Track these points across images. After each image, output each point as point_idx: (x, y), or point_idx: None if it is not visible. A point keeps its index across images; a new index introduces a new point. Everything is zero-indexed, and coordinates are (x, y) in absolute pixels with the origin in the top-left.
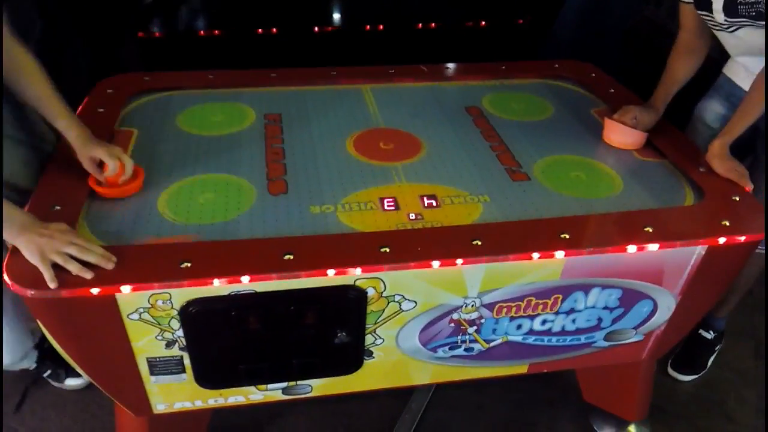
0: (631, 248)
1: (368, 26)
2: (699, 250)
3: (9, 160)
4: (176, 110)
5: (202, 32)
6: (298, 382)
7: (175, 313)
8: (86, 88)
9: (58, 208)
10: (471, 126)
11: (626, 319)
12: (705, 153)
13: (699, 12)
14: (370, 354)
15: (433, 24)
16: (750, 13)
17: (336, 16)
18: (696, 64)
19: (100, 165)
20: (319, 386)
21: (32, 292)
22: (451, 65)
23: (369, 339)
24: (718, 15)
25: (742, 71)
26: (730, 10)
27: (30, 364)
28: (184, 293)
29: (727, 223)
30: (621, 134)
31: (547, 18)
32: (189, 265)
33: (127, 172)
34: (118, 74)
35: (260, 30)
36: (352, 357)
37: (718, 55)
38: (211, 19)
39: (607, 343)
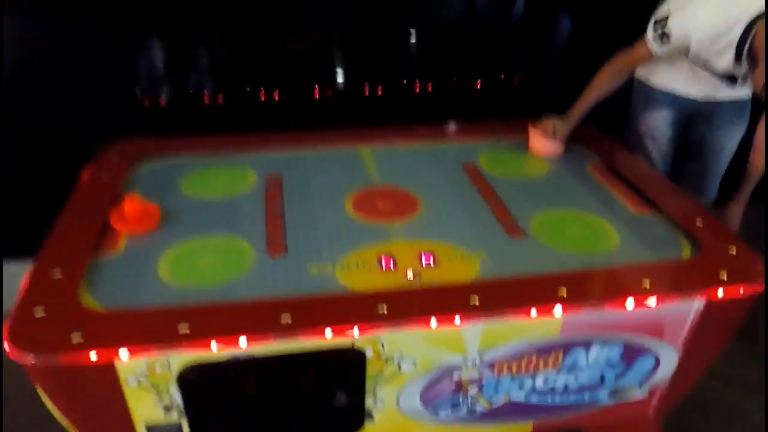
0: (630, 303)
1: (367, 88)
2: (698, 303)
3: None
4: (179, 174)
5: (206, 99)
6: None
7: (173, 378)
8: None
9: (60, 275)
10: (468, 184)
11: (629, 375)
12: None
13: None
14: (371, 416)
15: (429, 87)
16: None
17: (337, 78)
18: (618, 86)
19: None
20: None
21: (33, 360)
22: (447, 125)
23: (369, 401)
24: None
25: (682, 76)
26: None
27: None
28: (182, 358)
29: (725, 276)
30: (539, 143)
31: (543, 77)
32: (187, 329)
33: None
34: (123, 139)
35: (263, 97)
36: (352, 419)
37: None
38: (215, 84)
39: (611, 401)
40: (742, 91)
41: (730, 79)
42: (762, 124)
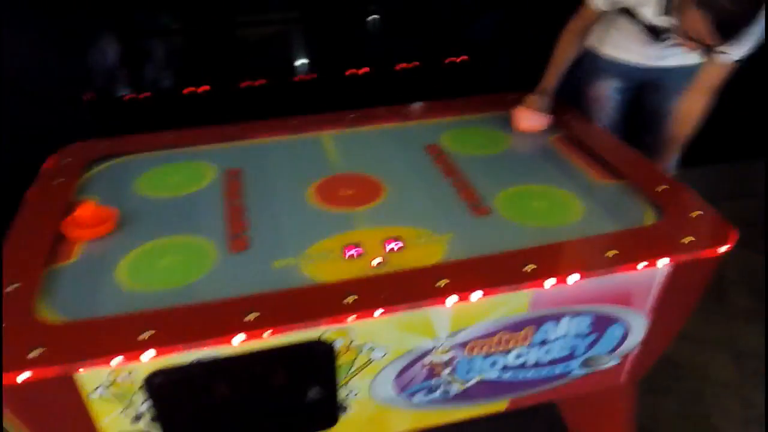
0: (595, 273)
1: (349, 71)
2: (664, 268)
3: None
4: (134, 175)
5: (186, 90)
6: None
7: (137, 386)
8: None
9: (16, 285)
10: (431, 164)
11: (600, 345)
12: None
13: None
14: (345, 408)
15: (415, 63)
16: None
17: (295, 65)
18: (581, 47)
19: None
20: None
21: None
22: (409, 105)
23: (342, 392)
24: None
25: (613, 39)
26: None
27: None
28: (146, 365)
29: (690, 239)
30: (528, 119)
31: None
32: (148, 335)
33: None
34: (74, 142)
35: (244, 84)
36: (326, 413)
37: None
38: (170, 78)
39: (584, 371)
40: (693, 58)
41: (660, 34)
42: (689, 92)
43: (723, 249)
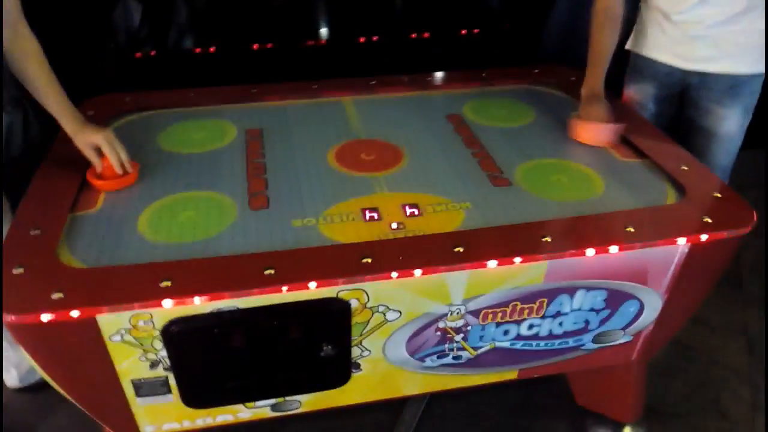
0: (614, 249)
1: (362, 38)
2: (682, 248)
3: None
4: (157, 129)
5: (197, 49)
6: (286, 398)
7: (157, 333)
8: None
9: (37, 231)
10: (452, 134)
11: (613, 321)
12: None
13: None
14: (358, 366)
15: (426, 34)
16: None
17: (326, 29)
18: (617, 32)
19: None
20: (308, 401)
21: (12, 318)
22: (432, 74)
23: (356, 351)
24: None
25: (649, 38)
26: None
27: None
28: (165, 313)
29: (709, 220)
30: (598, 134)
31: (532, 25)
32: (169, 284)
33: (125, 162)
34: (100, 95)
35: (256, 46)
36: (339, 370)
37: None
38: (201, 36)
39: (595, 346)
40: (738, 66)
41: None
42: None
43: (742, 231)
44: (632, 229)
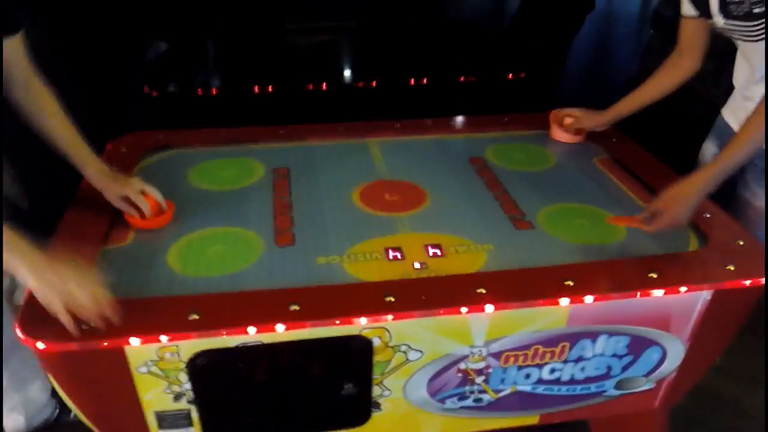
0: (637, 295)
1: (361, 83)
2: (705, 295)
3: None
4: (187, 167)
5: (214, 90)
6: None
7: (182, 365)
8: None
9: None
10: (475, 177)
11: (636, 367)
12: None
13: (705, 19)
14: (378, 406)
15: (425, 80)
16: (738, 13)
17: (331, 74)
18: (669, 84)
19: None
20: None
21: (42, 346)
22: (454, 118)
23: (377, 390)
24: (718, 19)
25: (739, 109)
26: (725, 11)
27: (51, 412)
28: (191, 345)
29: (732, 268)
30: (562, 134)
31: (548, 72)
32: (197, 317)
33: (161, 202)
34: (131, 132)
35: (256, 89)
36: (360, 409)
37: (716, 99)
38: (224, 78)
39: (618, 392)
40: None
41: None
42: None
43: (765, 280)
44: (655, 275)
